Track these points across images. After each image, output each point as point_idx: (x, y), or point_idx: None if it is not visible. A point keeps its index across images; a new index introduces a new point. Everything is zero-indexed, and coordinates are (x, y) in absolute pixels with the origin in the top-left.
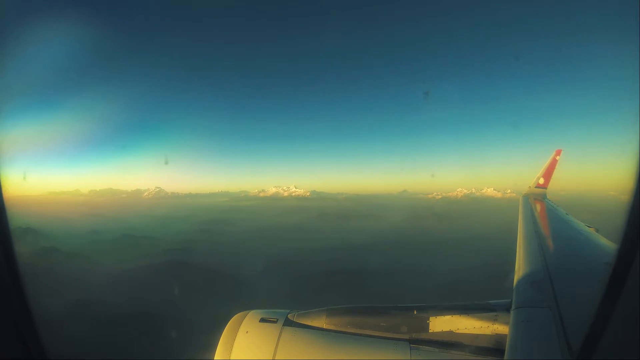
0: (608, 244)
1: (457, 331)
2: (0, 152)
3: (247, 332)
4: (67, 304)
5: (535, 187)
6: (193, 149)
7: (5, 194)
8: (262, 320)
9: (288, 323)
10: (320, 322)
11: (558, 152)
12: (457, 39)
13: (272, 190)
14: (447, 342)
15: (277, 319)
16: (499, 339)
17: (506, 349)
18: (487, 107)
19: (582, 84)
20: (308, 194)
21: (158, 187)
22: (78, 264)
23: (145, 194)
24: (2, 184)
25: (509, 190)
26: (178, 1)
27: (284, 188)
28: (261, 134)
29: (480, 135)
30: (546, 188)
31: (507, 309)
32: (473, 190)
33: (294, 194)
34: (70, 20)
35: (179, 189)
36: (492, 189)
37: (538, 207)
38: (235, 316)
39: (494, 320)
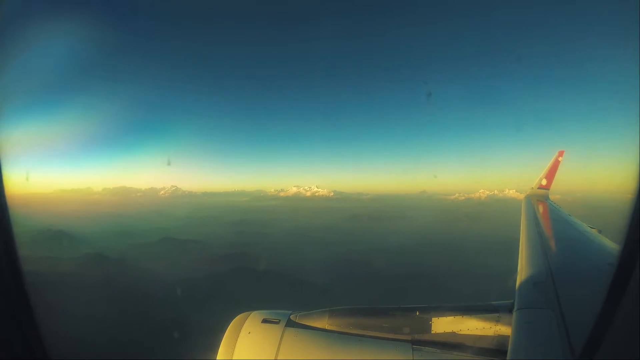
0: (611, 245)
1: (460, 332)
2: (5, 151)
3: (249, 332)
4: (160, 323)
5: (538, 188)
6: (200, 148)
7: (8, 193)
8: (265, 321)
9: (290, 324)
10: (323, 322)
11: (561, 153)
12: (470, 43)
13: (292, 189)
14: (450, 343)
15: (280, 320)
16: (501, 340)
17: (509, 350)
18: (492, 109)
19: (585, 84)
20: (331, 194)
21: (174, 186)
22: (137, 273)
23: (162, 192)
24: (5, 183)
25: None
26: (187, 2)
27: (306, 188)
28: (272, 133)
29: (486, 136)
30: (549, 189)
31: (509, 310)
32: (495, 191)
33: (316, 194)
34: (79, 19)
35: (192, 187)
36: (514, 190)
37: (540, 208)
38: (238, 317)
39: (497, 321)
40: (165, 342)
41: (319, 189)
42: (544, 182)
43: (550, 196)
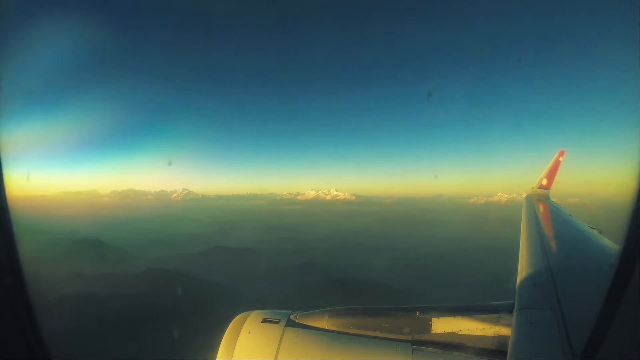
0: (611, 245)
1: (460, 332)
2: (6, 151)
3: (249, 332)
4: None
5: (539, 188)
6: (202, 151)
7: (9, 194)
8: (265, 320)
9: (290, 324)
10: (323, 322)
11: (561, 153)
12: (479, 47)
13: (310, 193)
14: (450, 343)
15: (280, 320)
16: (501, 340)
17: (509, 350)
18: (498, 111)
19: (586, 84)
20: (353, 197)
21: (186, 189)
22: (223, 293)
23: (174, 195)
24: (6, 183)
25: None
26: (186, 3)
27: (325, 191)
28: (276, 136)
29: (492, 138)
30: (549, 189)
31: (509, 310)
32: (514, 195)
33: (337, 197)
34: (85, 18)
35: (202, 190)
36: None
37: (541, 208)
38: (238, 316)
39: (497, 321)
40: None
41: (339, 193)
42: (544, 182)
43: (550, 196)
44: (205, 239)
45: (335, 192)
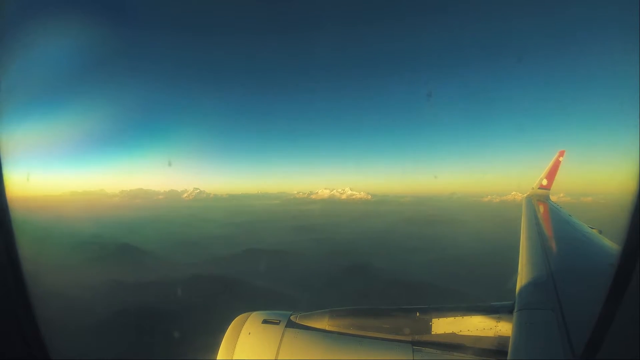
0: (611, 246)
1: (460, 333)
2: (9, 152)
3: (249, 333)
4: None
5: (539, 188)
6: (202, 150)
7: (9, 193)
8: (265, 321)
9: (290, 324)
10: (323, 323)
11: (561, 153)
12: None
13: (324, 192)
14: (450, 344)
15: (280, 321)
16: (501, 340)
17: (509, 350)
18: (498, 110)
19: (585, 84)
20: (369, 196)
21: (197, 189)
22: (289, 300)
23: (185, 195)
24: (7, 184)
25: (561, 194)
26: (185, 3)
27: (340, 191)
28: (278, 135)
29: (492, 137)
30: (549, 189)
31: (510, 310)
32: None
33: (352, 196)
34: (80, 20)
35: (211, 189)
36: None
37: (541, 208)
38: (238, 317)
39: (497, 322)
40: None
41: (354, 192)
42: (544, 182)
43: (551, 196)
44: (233, 240)
45: (350, 191)
